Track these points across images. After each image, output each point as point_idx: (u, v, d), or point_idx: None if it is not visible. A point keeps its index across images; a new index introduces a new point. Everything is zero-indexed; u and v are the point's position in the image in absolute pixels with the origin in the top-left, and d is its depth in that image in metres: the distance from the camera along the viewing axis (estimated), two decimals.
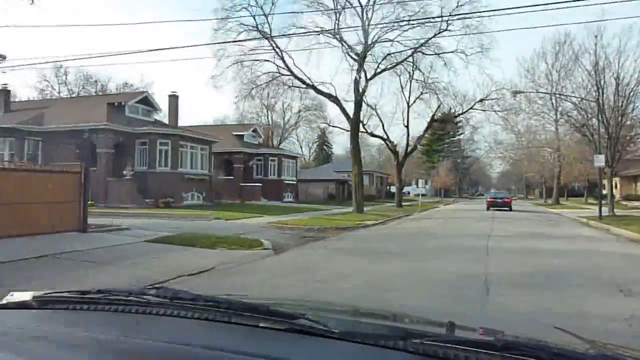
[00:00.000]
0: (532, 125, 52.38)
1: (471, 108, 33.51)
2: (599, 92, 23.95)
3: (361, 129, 34.54)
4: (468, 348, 0.93)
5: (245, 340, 1.10)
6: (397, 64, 25.36)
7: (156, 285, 1.75)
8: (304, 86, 24.93)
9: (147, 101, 29.08)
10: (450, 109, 34.28)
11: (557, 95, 33.95)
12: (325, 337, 1.04)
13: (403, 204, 38.79)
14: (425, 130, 33.74)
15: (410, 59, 28.02)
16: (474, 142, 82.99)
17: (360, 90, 24.74)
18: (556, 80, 48.81)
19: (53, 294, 1.41)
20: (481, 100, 33.34)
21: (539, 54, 45.84)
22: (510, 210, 34.14)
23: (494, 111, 34.00)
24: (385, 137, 34.34)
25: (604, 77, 24.86)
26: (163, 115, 32.42)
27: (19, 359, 1.04)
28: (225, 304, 1.21)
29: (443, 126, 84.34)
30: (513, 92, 23.88)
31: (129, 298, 1.32)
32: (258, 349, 1.01)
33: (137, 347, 1.07)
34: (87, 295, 1.37)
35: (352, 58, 24.89)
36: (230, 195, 35.78)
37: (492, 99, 33.38)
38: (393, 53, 25.28)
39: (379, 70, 25.17)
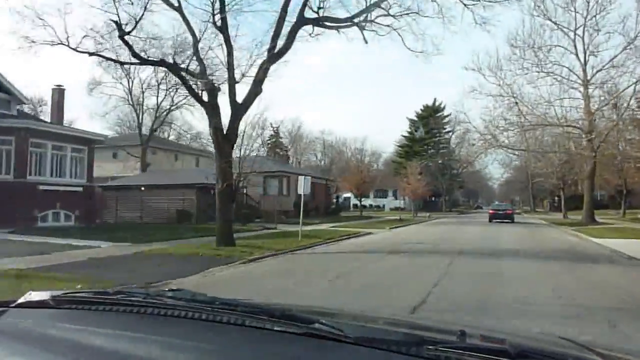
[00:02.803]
0: (542, 99, 31.87)
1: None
2: None
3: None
4: (482, 355, 0.92)
5: (260, 343, 1.09)
6: None
7: (173, 288, 1.66)
8: None
9: None
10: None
11: None
12: (340, 342, 1.02)
13: (343, 224, 17.80)
14: (285, 43, 13.14)
15: None
16: (468, 144, 64.17)
17: None
18: (583, 10, 29.23)
19: (71, 294, 1.42)
20: None
21: None
22: (513, 222, 30.50)
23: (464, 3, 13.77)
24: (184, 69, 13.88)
25: None
26: None
27: (37, 358, 1.04)
28: (241, 307, 1.20)
29: (426, 122, 66.24)
30: None
31: (146, 299, 1.31)
32: (273, 352, 1.04)
33: (153, 348, 1.07)
34: (105, 296, 1.37)
35: None
36: None
37: None
38: None
39: None
